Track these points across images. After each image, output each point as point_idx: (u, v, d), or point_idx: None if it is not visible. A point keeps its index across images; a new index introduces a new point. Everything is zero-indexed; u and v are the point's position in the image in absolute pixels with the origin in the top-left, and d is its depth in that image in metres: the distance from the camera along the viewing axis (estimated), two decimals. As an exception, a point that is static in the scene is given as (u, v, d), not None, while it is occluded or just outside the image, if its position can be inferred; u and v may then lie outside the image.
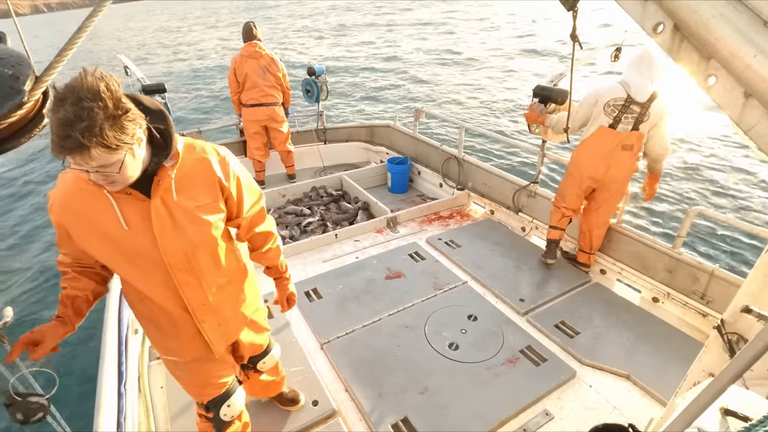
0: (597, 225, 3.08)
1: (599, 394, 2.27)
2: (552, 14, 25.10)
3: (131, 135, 1.08)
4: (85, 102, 0.98)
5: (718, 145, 8.36)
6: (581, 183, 3.00)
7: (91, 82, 1.00)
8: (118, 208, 1.22)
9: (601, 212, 3.04)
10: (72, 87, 0.99)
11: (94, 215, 1.22)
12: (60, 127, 0.96)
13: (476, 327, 2.69)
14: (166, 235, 1.28)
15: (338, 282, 3.12)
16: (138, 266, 1.31)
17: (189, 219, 1.31)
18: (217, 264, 1.44)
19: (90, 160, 1.02)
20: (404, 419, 2.11)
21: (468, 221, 4.03)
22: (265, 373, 1.94)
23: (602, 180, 2.91)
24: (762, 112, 0.73)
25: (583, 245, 3.19)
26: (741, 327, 1.17)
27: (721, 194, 6.55)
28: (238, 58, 4.48)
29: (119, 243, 1.25)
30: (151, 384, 2.31)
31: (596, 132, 2.86)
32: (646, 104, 2.70)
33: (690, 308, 2.76)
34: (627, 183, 2.94)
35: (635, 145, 2.78)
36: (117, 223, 1.23)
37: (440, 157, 4.53)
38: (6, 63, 0.72)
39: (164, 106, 4.60)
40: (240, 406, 1.70)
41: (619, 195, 2.99)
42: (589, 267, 3.23)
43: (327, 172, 5.30)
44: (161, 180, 1.24)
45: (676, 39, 0.81)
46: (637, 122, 2.75)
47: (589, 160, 2.93)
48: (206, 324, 1.45)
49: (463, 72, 14.78)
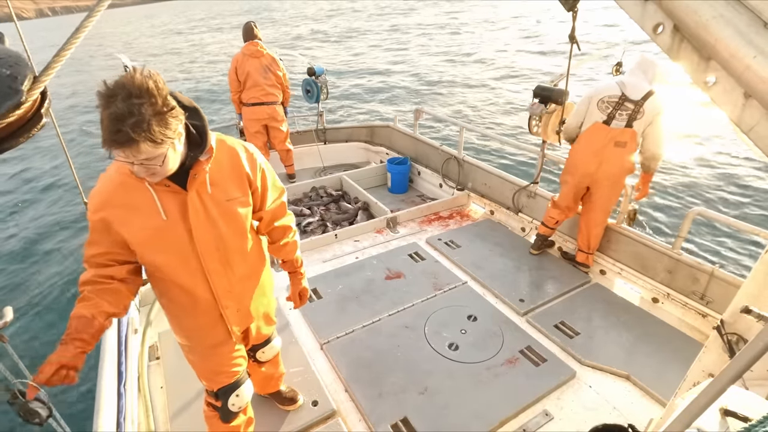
0: (594, 224, 3.08)
1: (599, 394, 2.27)
2: (557, 14, 25.08)
3: (174, 130, 1.15)
4: (135, 99, 1.05)
5: (718, 145, 8.36)
6: (575, 179, 3.03)
7: (141, 80, 1.07)
8: (158, 199, 1.30)
9: (597, 211, 3.04)
10: (122, 84, 1.06)
11: (137, 206, 1.30)
12: (111, 121, 1.04)
13: (476, 327, 2.69)
14: (201, 225, 1.36)
15: (338, 282, 3.12)
16: (172, 254, 1.38)
17: (221, 211, 1.40)
18: (243, 255, 1.52)
19: (138, 153, 1.10)
20: (404, 419, 2.11)
21: (468, 221, 4.03)
22: (265, 366, 1.97)
23: (594, 176, 2.93)
24: (762, 113, 0.73)
25: (582, 244, 3.20)
26: (741, 327, 1.17)
27: (721, 195, 6.56)
28: (240, 56, 4.48)
29: (158, 232, 1.33)
30: (150, 384, 2.31)
31: (590, 128, 2.90)
32: (640, 102, 2.73)
33: (690, 309, 2.76)
34: (621, 181, 2.92)
35: (628, 143, 2.79)
36: (157, 214, 1.31)
37: (440, 157, 4.53)
38: (4, 63, 0.71)
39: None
40: (248, 397, 1.75)
41: (614, 193, 2.97)
42: (588, 267, 3.24)
43: (327, 172, 5.30)
44: (197, 174, 1.32)
45: (676, 40, 0.81)
46: (630, 119, 2.76)
47: (582, 156, 2.96)
48: (228, 309, 1.54)
49: (464, 72, 14.78)
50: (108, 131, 1.05)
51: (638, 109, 2.74)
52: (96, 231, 1.33)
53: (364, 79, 14.84)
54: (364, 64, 17.31)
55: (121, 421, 1.79)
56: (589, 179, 2.97)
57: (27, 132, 0.77)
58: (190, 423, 2.09)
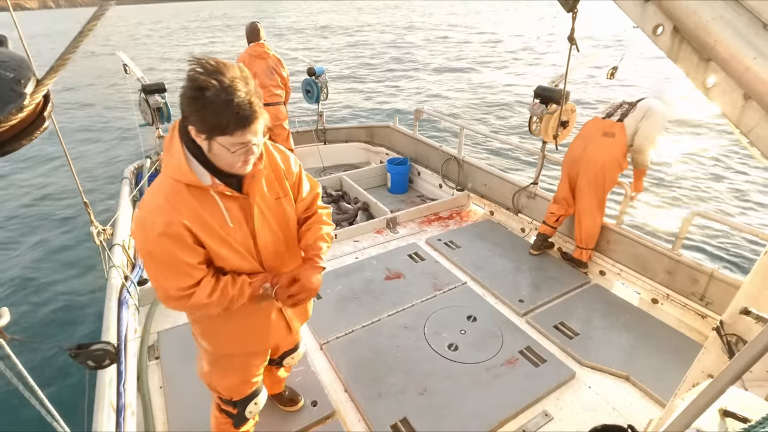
0: (583, 213, 3.10)
1: (598, 395, 2.27)
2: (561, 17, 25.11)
3: None
4: (250, 83, 1.15)
5: (717, 146, 8.37)
6: (567, 168, 3.16)
7: (236, 65, 1.15)
8: (223, 206, 1.31)
9: (582, 199, 3.08)
10: (231, 70, 1.12)
11: (206, 215, 1.29)
12: (239, 105, 1.10)
13: (476, 328, 2.69)
14: (261, 227, 1.40)
15: (338, 282, 3.12)
16: (237, 255, 1.38)
17: (274, 211, 1.44)
18: (291, 252, 1.56)
19: (256, 132, 1.18)
20: (403, 420, 2.11)
21: (467, 222, 4.03)
22: (283, 370, 2.01)
23: (579, 162, 3.02)
24: (761, 114, 0.73)
25: (576, 238, 3.22)
26: (740, 328, 1.17)
27: (721, 196, 6.56)
28: (246, 57, 4.46)
29: (225, 237, 1.34)
30: (149, 384, 2.31)
31: (588, 121, 3.11)
32: (634, 102, 2.95)
33: (689, 309, 2.76)
34: (606, 170, 2.93)
35: (617, 134, 2.89)
36: (223, 220, 1.32)
37: (440, 157, 4.53)
38: (7, 66, 0.72)
39: (164, 105, 4.57)
40: (263, 404, 1.76)
41: (599, 182, 2.98)
42: (584, 266, 3.24)
43: (327, 172, 5.30)
44: (255, 174, 1.33)
45: (676, 41, 0.81)
46: (623, 116, 2.94)
47: (573, 144, 3.13)
48: None
49: (466, 71, 14.78)
50: (236, 114, 1.10)
51: (632, 108, 2.93)
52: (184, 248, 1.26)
53: (365, 79, 14.84)
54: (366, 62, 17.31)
55: (120, 421, 1.79)
56: (576, 166, 3.06)
57: (30, 135, 0.77)
58: (190, 423, 2.09)
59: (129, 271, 2.78)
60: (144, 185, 3.83)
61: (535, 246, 3.42)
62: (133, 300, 2.58)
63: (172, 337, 2.62)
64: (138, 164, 4.23)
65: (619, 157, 2.91)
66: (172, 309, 1.43)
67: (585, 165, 3.00)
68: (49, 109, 0.80)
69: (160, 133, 4.40)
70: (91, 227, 2.21)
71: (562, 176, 3.22)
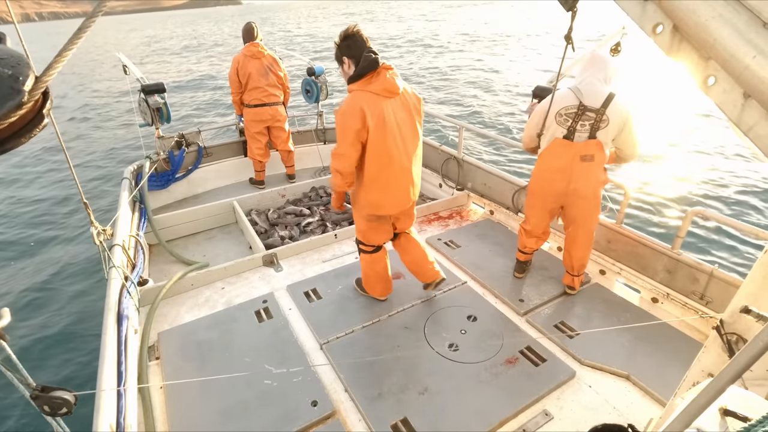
0: (579, 245, 2.80)
1: (599, 394, 2.27)
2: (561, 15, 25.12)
3: None
4: None
5: (717, 145, 8.37)
6: (544, 202, 2.80)
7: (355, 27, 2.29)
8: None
9: (579, 232, 2.78)
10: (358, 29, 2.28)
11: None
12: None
13: (476, 327, 2.69)
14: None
15: (338, 282, 3.12)
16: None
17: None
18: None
19: None
20: (404, 420, 2.11)
21: (467, 222, 4.04)
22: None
23: (566, 196, 2.67)
24: (761, 113, 0.73)
25: (567, 265, 2.94)
26: (740, 327, 1.17)
27: (721, 194, 6.56)
28: (241, 57, 4.46)
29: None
30: (149, 384, 2.31)
31: (551, 144, 2.64)
32: (600, 110, 2.45)
33: (689, 308, 2.76)
34: (597, 196, 2.66)
35: (596, 155, 2.53)
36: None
37: (439, 157, 4.53)
38: (6, 63, 0.72)
39: (164, 105, 4.57)
40: None
41: (593, 210, 2.71)
42: (573, 290, 2.96)
43: (327, 172, 5.29)
44: None
45: (676, 39, 0.81)
46: (593, 129, 2.49)
47: (546, 175, 2.70)
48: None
49: (467, 71, 14.79)
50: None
51: (600, 118, 2.46)
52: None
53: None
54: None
55: (120, 421, 1.79)
56: (561, 199, 2.71)
57: (29, 132, 0.77)
58: (190, 423, 2.09)
59: (129, 271, 2.78)
60: (144, 185, 3.83)
61: (519, 270, 3.16)
62: (133, 300, 2.58)
63: (172, 337, 2.62)
64: (138, 164, 4.22)
65: (603, 175, 2.63)
66: None
67: (574, 199, 2.66)
68: (48, 106, 0.80)
69: (160, 133, 4.40)
70: (90, 227, 2.21)
71: (538, 211, 2.86)
